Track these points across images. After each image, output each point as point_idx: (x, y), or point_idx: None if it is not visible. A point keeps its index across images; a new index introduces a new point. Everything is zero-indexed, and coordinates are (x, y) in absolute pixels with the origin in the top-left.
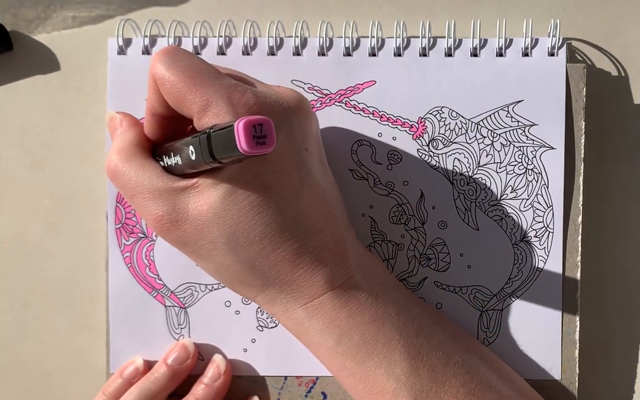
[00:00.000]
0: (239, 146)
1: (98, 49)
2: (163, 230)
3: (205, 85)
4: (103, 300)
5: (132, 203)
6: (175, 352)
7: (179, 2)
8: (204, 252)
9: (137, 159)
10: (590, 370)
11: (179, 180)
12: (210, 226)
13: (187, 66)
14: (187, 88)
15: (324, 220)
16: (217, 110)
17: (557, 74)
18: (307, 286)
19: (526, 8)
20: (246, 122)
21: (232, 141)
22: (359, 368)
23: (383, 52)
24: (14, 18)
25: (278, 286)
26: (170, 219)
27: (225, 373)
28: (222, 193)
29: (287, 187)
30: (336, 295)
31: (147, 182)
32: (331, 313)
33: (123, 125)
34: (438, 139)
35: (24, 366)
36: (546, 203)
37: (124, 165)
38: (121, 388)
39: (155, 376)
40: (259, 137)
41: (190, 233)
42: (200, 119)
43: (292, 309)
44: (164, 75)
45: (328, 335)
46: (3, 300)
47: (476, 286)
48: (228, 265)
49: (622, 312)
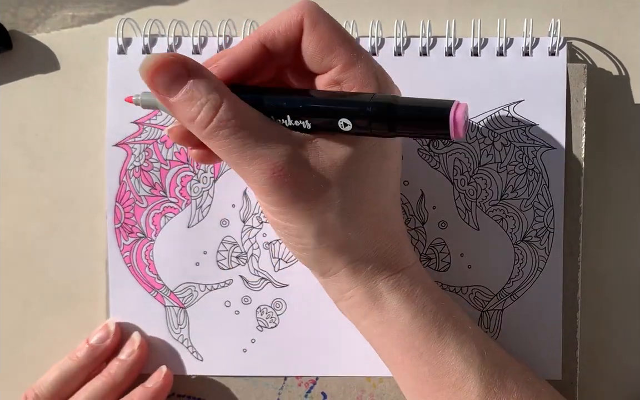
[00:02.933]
0: (453, 132)
1: (98, 49)
2: (279, 182)
3: (354, 43)
4: (103, 300)
5: (241, 154)
6: (97, 332)
7: (179, 2)
8: (315, 211)
9: (240, 104)
10: (591, 369)
11: (297, 133)
12: (329, 184)
13: (336, 22)
14: (339, 39)
15: (399, 201)
16: (366, 68)
17: (558, 74)
18: (395, 258)
19: (526, 8)
20: (464, 110)
21: (440, 123)
22: (429, 347)
23: (383, 51)
24: (13, 17)
25: (370, 256)
26: (291, 170)
27: (139, 347)
28: (347, 153)
29: (395, 162)
30: (412, 272)
31: (265, 128)
32: (408, 288)
33: (220, 63)
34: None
35: (24, 366)
36: (547, 203)
37: (228, 113)
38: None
39: (77, 354)
40: (466, 122)
41: (309, 187)
42: (345, 72)
43: (374, 282)
44: (320, 20)
45: (405, 310)
46: (3, 300)
47: (477, 286)
48: (336, 227)
49: (622, 312)
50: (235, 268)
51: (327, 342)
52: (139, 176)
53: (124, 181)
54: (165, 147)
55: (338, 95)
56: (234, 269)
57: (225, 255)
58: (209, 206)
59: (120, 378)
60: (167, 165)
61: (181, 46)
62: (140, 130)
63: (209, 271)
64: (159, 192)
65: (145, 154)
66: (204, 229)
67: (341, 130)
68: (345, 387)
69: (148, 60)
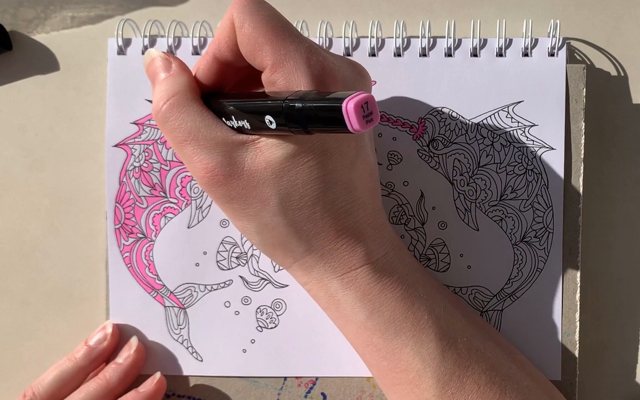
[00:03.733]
0: (350, 127)
1: (97, 49)
2: (211, 182)
3: (286, 40)
4: (103, 300)
5: (180, 150)
6: (96, 334)
7: (179, 2)
8: (251, 210)
9: (193, 105)
10: (590, 370)
11: (238, 134)
12: (264, 185)
13: (269, 17)
14: (266, 38)
15: (368, 194)
16: (294, 67)
17: (557, 75)
18: (346, 257)
19: (526, 8)
20: (357, 103)
21: (336, 119)
22: (386, 345)
23: (383, 52)
24: (13, 18)
25: (319, 254)
26: (222, 172)
27: (135, 351)
28: (283, 154)
29: (345, 156)
30: (371, 270)
31: (204, 130)
32: (365, 287)
33: (174, 68)
34: (438, 140)
35: (24, 366)
36: (546, 203)
37: (180, 109)
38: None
39: (75, 355)
40: (367, 115)
41: (241, 189)
42: (274, 73)
43: (328, 279)
44: (244, 21)
45: (360, 309)
46: (3, 300)
47: (476, 286)
48: (274, 227)
49: (622, 312)
50: (235, 268)
51: (327, 342)
52: (139, 177)
53: (124, 182)
54: (165, 148)
55: (264, 95)
56: (233, 270)
57: (225, 255)
58: (209, 207)
59: (114, 382)
60: (167, 165)
61: (181, 47)
62: (140, 131)
63: (209, 272)
64: (159, 192)
65: (145, 154)
66: (203, 229)
67: (271, 130)
68: (345, 388)
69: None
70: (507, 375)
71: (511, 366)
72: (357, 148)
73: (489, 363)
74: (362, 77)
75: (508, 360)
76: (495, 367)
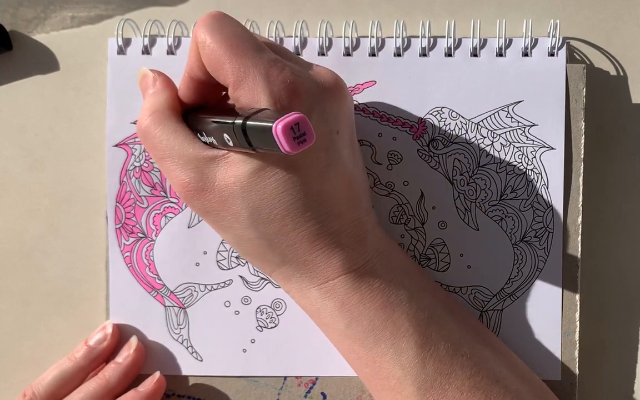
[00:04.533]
0: (281, 148)
1: (97, 49)
2: (187, 197)
3: (245, 57)
4: (103, 300)
5: (160, 165)
6: (96, 334)
7: (178, 2)
8: (225, 223)
9: (169, 123)
10: (590, 370)
11: (210, 150)
12: (234, 199)
13: (230, 34)
14: (226, 56)
15: (346, 204)
16: (253, 84)
17: (557, 75)
18: (323, 267)
19: (526, 8)
20: (284, 125)
21: (272, 138)
22: (366, 353)
23: (383, 52)
24: (13, 18)
25: (295, 265)
26: (196, 187)
27: (134, 351)
28: (250, 168)
29: (314, 168)
30: (350, 279)
31: (178, 148)
32: (343, 296)
33: (157, 85)
34: (438, 139)
35: (24, 366)
36: (546, 203)
37: (156, 127)
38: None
39: (75, 355)
40: (299, 136)
41: (214, 203)
42: (235, 91)
43: (307, 289)
44: (206, 39)
45: (339, 318)
46: (3, 300)
47: (476, 286)
48: (248, 239)
49: (622, 313)
50: (235, 268)
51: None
52: (139, 176)
53: (124, 181)
54: None
55: (226, 112)
56: (233, 269)
57: (225, 255)
58: None
59: (114, 381)
60: None
61: (181, 47)
62: None
63: (209, 271)
64: (159, 192)
65: (145, 154)
66: (204, 229)
67: (230, 146)
68: (345, 387)
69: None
70: (495, 380)
71: (501, 370)
72: (327, 159)
73: (476, 368)
74: (331, 87)
75: (499, 363)
76: (481, 372)
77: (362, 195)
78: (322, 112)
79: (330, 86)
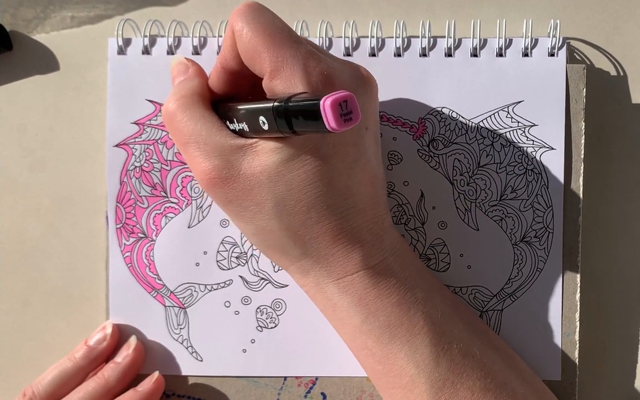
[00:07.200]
0: (327, 125)
1: (97, 49)
2: (210, 185)
3: (284, 47)
4: (103, 300)
5: (183, 151)
6: (96, 334)
7: (178, 2)
8: (247, 213)
9: (198, 108)
10: (590, 370)
11: (237, 138)
12: (260, 188)
13: (267, 23)
14: (264, 45)
15: (368, 200)
16: (291, 73)
17: (557, 75)
18: (342, 262)
19: (526, 8)
20: (333, 101)
21: (315, 116)
22: (381, 349)
23: (383, 52)
24: (13, 18)
25: (314, 258)
26: (220, 175)
27: (134, 351)
28: (279, 158)
29: (342, 162)
30: (368, 275)
31: (205, 133)
32: (361, 291)
33: (190, 72)
34: (438, 140)
35: (24, 366)
36: (546, 203)
37: (184, 111)
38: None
39: (75, 355)
40: (346, 114)
41: (238, 192)
42: (272, 80)
43: (324, 283)
44: (243, 28)
45: (355, 313)
46: (3, 300)
47: (476, 286)
48: (270, 230)
49: (622, 313)
50: (235, 268)
51: (327, 342)
52: (139, 177)
53: (124, 181)
54: (165, 148)
55: (261, 99)
56: (233, 269)
57: (225, 255)
58: (209, 207)
59: (113, 381)
60: (167, 165)
61: (181, 47)
62: (140, 131)
63: (209, 271)
64: (159, 192)
65: (145, 154)
66: (204, 229)
67: (266, 131)
68: (345, 388)
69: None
70: (503, 383)
71: (508, 374)
72: (355, 154)
73: (485, 370)
74: (364, 82)
75: (506, 367)
76: (491, 374)
77: (382, 193)
78: None
79: (364, 81)
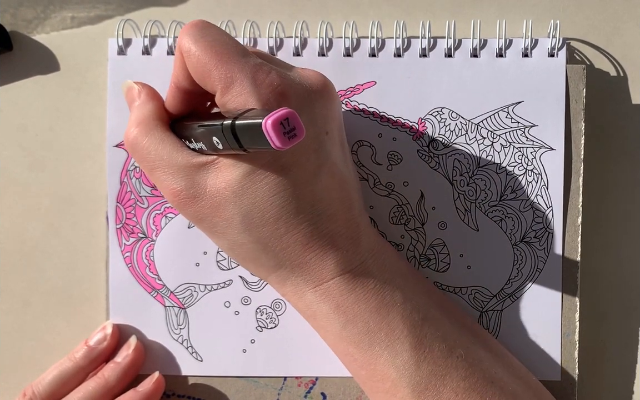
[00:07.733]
0: (271, 144)
1: (97, 49)
2: (180, 205)
3: (231, 62)
4: (103, 300)
5: (151, 176)
6: (96, 334)
7: (178, 3)
8: (218, 229)
9: (156, 132)
10: (590, 370)
11: (199, 156)
12: (226, 204)
13: (214, 41)
14: (212, 63)
15: (339, 205)
16: (241, 88)
17: (557, 75)
18: (317, 269)
19: (526, 8)
20: (274, 121)
21: (261, 135)
22: (362, 355)
23: (383, 52)
24: (13, 18)
25: (289, 268)
26: (187, 194)
27: (133, 351)
28: (241, 172)
29: (304, 170)
30: (345, 281)
31: (167, 157)
32: (338, 298)
33: (142, 97)
34: (438, 140)
35: (24, 366)
36: (546, 204)
37: (143, 138)
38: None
39: (75, 355)
40: (289, 131)
41: (207, 209)
42: (223, 96)
43: (302, 291)
44: (190, 48)
45: (334, 320)
46: (3, 300)
47: (476, 287)
48: (242, 243)
49: (622, 313)
50: (235, 268)
51: None
52: (139, 177)
53: (124, 182)
54: None
55: (213, 117)
56: (233, 270)
57: (225, 255)
58: None
59: (113, 381)
60: None
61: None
62: None
63: (209, 272)
64: (159, 192)
65: None
66: None
67: (221, 149)
68: (345, 388)
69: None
70: (491, 380)
71: (497, 371)
72: (318, 161)
73: (471, 369)
74: (318, 88)
75: (494, 364)
76: (477, 373)
77: (355, 196)
78: (311, 114)
79: (318, 88)
